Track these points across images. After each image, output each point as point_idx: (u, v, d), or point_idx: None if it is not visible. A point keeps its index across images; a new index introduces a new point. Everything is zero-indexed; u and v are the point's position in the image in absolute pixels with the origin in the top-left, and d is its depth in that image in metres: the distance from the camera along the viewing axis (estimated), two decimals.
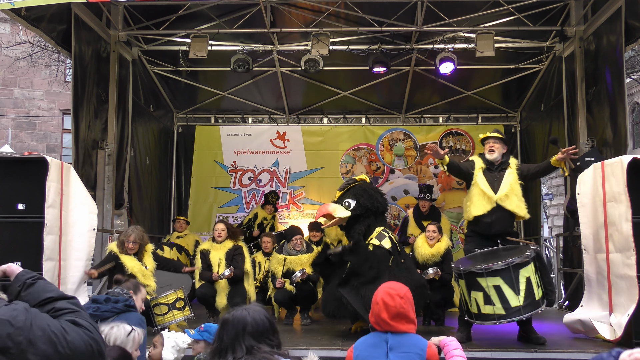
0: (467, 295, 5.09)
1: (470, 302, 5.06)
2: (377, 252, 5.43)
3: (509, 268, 4.89)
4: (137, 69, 9.07)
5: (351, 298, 5.31)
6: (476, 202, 5.46)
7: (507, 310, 4.89)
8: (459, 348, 2.94)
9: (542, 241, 10.17)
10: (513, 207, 5.39)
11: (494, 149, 5.55)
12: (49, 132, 19.49)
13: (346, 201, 5.64)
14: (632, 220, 4.89)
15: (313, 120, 11.32)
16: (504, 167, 5.53)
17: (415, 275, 5.61)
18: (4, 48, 17.42)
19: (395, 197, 10.91)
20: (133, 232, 5.94)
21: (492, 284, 4.90)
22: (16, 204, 5.18)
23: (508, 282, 4.89)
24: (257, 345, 2.25)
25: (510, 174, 5.47)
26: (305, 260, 6.70)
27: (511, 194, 5.39)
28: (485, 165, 5.56)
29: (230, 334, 2.28)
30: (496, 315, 4.92)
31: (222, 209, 10.89)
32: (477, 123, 11.02)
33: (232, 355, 2.23)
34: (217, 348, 2.30)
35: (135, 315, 3.73)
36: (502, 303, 4.89)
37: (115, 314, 3.56)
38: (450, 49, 8.54)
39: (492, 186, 5.43)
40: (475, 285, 5.01)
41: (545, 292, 5.06)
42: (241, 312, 2.35)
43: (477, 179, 5.50)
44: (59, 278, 5.37)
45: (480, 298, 4.97)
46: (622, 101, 6.76)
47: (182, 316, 5.74)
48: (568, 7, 7.99)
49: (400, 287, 2.97)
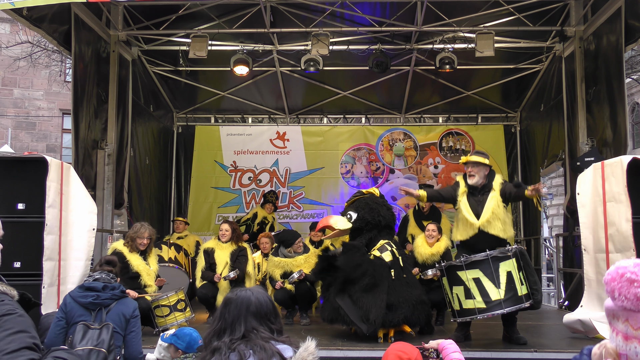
0: (450, 292, 5.14)
1: (453, 298, 5.10)
2: (375, 261, 5.41)
3: (487, 260, 4.94)
4: (137, 69, 9.07)
5: (348, 308, 5.30)
6: (460, 228, 5.46)
7: (488, 304, 4.91)
8: (457, 351, 2.93)
9: (542, 241, 10.17)
10: (497, 232, 5.28)
11: (473, 173, 5.41)
12: (49, 132, 19.47)
13: (348, 213, 5.74)
14: (632, 220, 4.89)
15: (313, 120, 11.32)
16: (487, 190, 5.40)
17: (417, 291, 5.55)
18: (4, 48, 17.40)
19: (395, 197, 10.90)
20: (147, 229, 5.94)
21: (471, 276, 4.95)
22: (16, 204, 5.18)
23: (488, 274, 4.92)
24: (258, 326, 2.23)
25: (493, 197, 5.33)
26: (302, 261, 6.69)
27: (494, 219, 5.26)
28: (468, 188, 5.47)
29: (233, 313, 2.25)
30: (477, 309, 4.94)
31: (222, 209, 10.89)
32: (477, 123, 11.03)
33: (230, 337, 2.20)
34: (217, 328, 2.25)
35: (130, 301, 3.97)
36: (482, 296, 4.92)
37: (115, 300, 3.72)
38: (450, 49, 8.55)
39: (475, 210, 5.35)
40: (456, 280, 5.06)
41: (531, 292, 5.04)
42: (245, 292, 2.33)
43: (461, 205, 5.44)
44: (58, 278, 5.37)
45: (462, 292, 5.01)
46: (622, 101, 6.76)
47: (184, 317, 5.74)
48: (568, 7, 7.99)
49: (411, 350, 2.87)
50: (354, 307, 5.28)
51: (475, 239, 5.33)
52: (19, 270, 4.96)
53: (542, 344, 5.15)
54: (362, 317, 5.19)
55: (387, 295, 5.27)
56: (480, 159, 5.46)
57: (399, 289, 5.38)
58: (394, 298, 5.29)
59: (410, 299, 5.36)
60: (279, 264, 6.76)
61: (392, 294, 5.31)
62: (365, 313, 5.19)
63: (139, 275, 5.82)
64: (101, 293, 3.74)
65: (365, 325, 5.16)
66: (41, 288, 5.02)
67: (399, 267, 5.56)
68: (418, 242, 6.77)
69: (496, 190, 5.40)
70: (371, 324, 5.14)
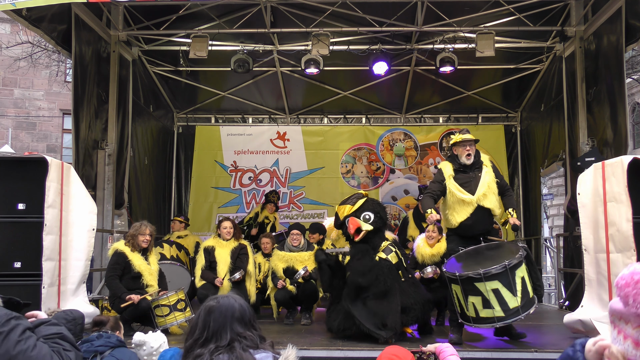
0: (464, 299, 5.03)
1: (467, 306, 5.01)
2: (383, 264, 5.38)
3: (506, 271, 4.87)
4: (137, 69, 9.07)
5: (362, 316, 5.23)
6: (458, 209, 5.44)
7: (506, 312, 4.88)
8: (454, 354, 2.93)
9: (542, 241, 10.17)
10: (491, 205, 5.41)
11: (472, 152, 5.46)
12: (49, 132, 19.47)
13: (365, 214, 5.58)
14: (633, 220, 4.88)
15: (313, 120, 11.32)
16: (479, 166, 5.51)
17: (422, 290, 5.59)
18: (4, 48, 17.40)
19: (396, 197, 10.90)
20: (147, 226, 5.97)
21: (490, 288, 4.87)
22: (16, 204, 5.17)
23: (506, 285, 4.88)
24: (244, 332, 2.19)
25: (487, 173, 5.46)
26: (306, 258, 6.68)
27: (489, 192, 5.40)
28: (455, 169, 5.49)
29: (218, 321, 2.20)
30: (496, 317, 4.89)
31: (222, 209, 10.89)
32: (478, 123, 11.02)
33: (215, 344, 2.16)
34: (198, 338, 2.19)
35: (129, 352, 3.69)
36: (501, 306, 4.87)
37: (110, 347, 3.52)
38: (450, 49, 8.54)
39: (468, 188, 5.40)
40: (473, 290, 4.95)
41: (534, 287, 5.06)
42: (228, 299, 2.28)
43: (451, 188, 5.44)
44: (58, 278, 5.37)
45: (479, 302, 4.93)
46: (623, 101, 6.75)
47: (184, 317, 5.73)
48: (568, 7, 7.98)
49: (405, 354, 2.84)
50: (369, 315, 5.23)
51: (474, 217, 5.36)
52: (19, 271, 4.96)
53: (542, 344, 5.15)
54: (379, 324, 5.15)
55: (400, 298, 5.27)
56: (472, 136, 5.56)
57: (408, 290, 5.37)
58: (406, 300, 5.27)
59: (419, 299, 5.37)
60: (283, 257, 6.75)
61: (404, 296, 5.30)
62: (382, 320, 5.15)
63: (141, 275, 5.83)
64: (95, 341, 3.63)
65: (383, 332, 5.10)
66: (41, 288, 5.02)
67: (404, 268, 5.57)
68: (419, 242, 6.77)
69: (488, 166, 5.53)
70: (389, 330, 5.10)
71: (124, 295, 5.65)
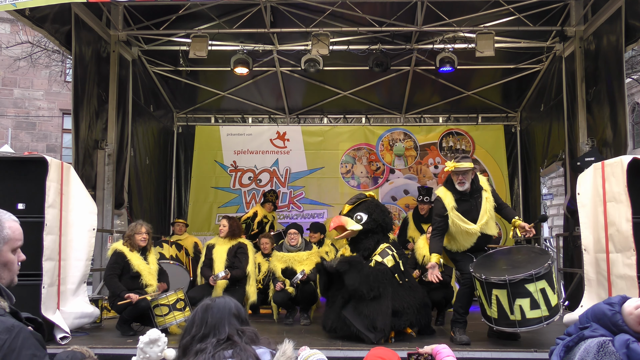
0: (509, 304, 4.96)
1: (513, 310, 4.95)
2: (378, 269, 5.37)
3: (550, 269, 5.00)
4: (137, 69, 9.07)
5: (353, 318, 5.27)
6: (461, 239, 5.46)
7: (550, 310, 4.93)
8: (451, 355, 2.95)
9: (542, 241, 10.17)
10: (493, 232, 5.54)
11: (464, 180, 5.40)
12: (49, 132, 19.48)
13: (358, 214, 5.60)
14: (632, 220, 4.89)
15: (313, 120, 11.32)
16: (478, 191, 5.47)
17: (419, 294, 5.57)
18: (4, 48, 17.41)
19: (395, 197, 10.91)
20: (143, 225, 5.99)
21: (539, 287, 4.91)
22: (16, 204, 5.18)
23: (550, 283, 4.97)
24: (241, 327, 2.22)
25: (488, 199, 5.45)
26: (304, 258, 6.72)
27: (490, 219, 5.46)
28: (455, 198, 5.44)
29: (216, 316, 2.24)
30: (543, 317, 4.93)
31: (222, 208, 10.89)
32: (477, 123, 11.03)
33: (215, 338, 2.18)
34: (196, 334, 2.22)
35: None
36: (546, 304, 4.92)
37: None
38: (450, 49, 8.54)
39: (470, 217, 5.39)
40: (521, 293, 4.92)
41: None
42: (223, 299, 2.33)
43: (454, 219, 5.39)
44: (58, 278, 5.38)
45: (527, 304, 4.91)
46: (622, 101, 6.75)
47: (183, 317, 5.73)
48: (568, 7, 7.98)
49: (391, 355, 2.87)
50: (359, 316, 5.25)
51: (477, 243, 5.45)
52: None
53: (542, 344, 5.14)
54: (369, 325, 5.18)
55: (392, 301, 5.28)
56: (468, 164, 5.42)
57: (403, 294, 5.37)
58: (399, 304, 5.28)
59: (414, 303, 5.37)
60: (282, 258, 6.80)
61: (397, 299, 5.31)
62: (371, 322, 5.18)
63: (140, 274, 5.84)
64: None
65: (373, 334, 5.14)
66: (41, 288, 5.03)
67: (400, 271, 5.54)
68: (419, 243, 6.80)
69: (487, 190, 5.51)
70: (379, 332, 5.14)
71: (123, 293, 5.66)
